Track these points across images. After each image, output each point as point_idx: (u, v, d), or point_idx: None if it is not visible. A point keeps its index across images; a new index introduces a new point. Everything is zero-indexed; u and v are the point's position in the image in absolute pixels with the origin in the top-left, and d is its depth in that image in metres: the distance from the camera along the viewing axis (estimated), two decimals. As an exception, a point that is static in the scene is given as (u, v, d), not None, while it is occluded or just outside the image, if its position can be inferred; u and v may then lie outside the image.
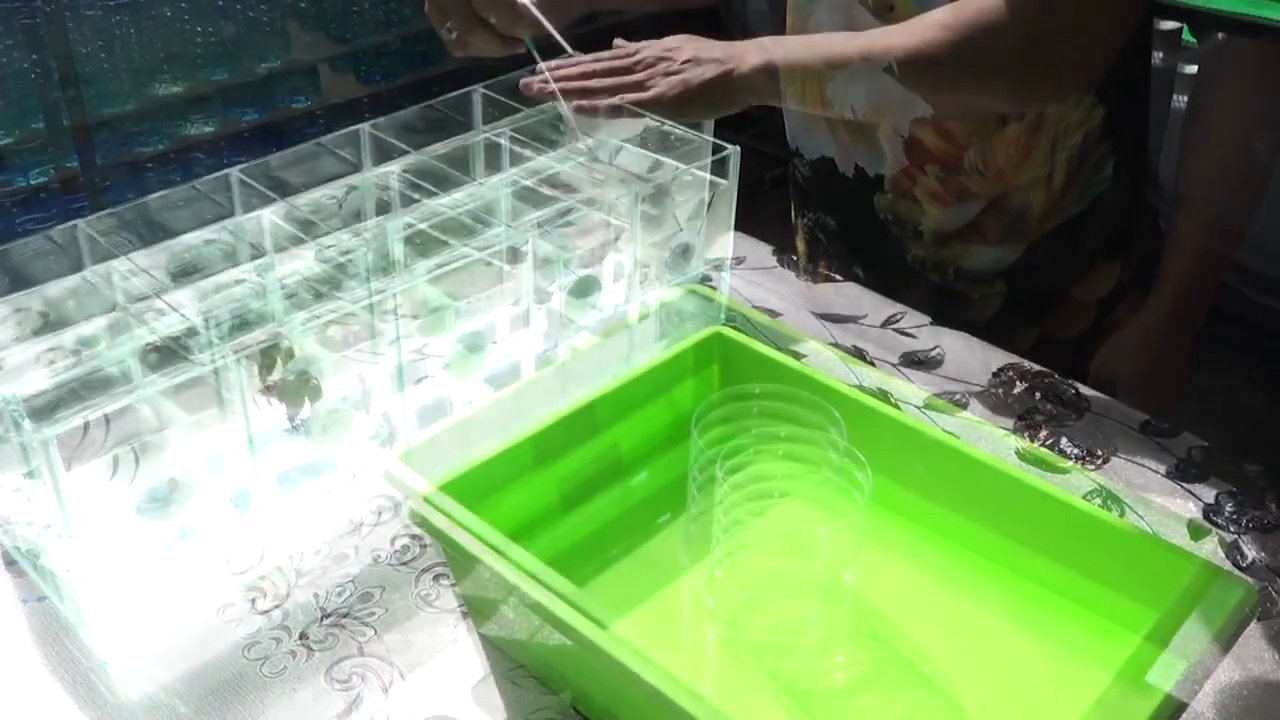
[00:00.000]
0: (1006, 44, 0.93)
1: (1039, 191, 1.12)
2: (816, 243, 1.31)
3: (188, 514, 0.79)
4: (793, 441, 0.80)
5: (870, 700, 0.75)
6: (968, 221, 1.15)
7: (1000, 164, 1.11)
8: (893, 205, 1.18)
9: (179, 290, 0.88)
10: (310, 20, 2.34)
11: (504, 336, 1.00)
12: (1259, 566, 0.86)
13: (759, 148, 1.88)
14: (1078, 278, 1.20)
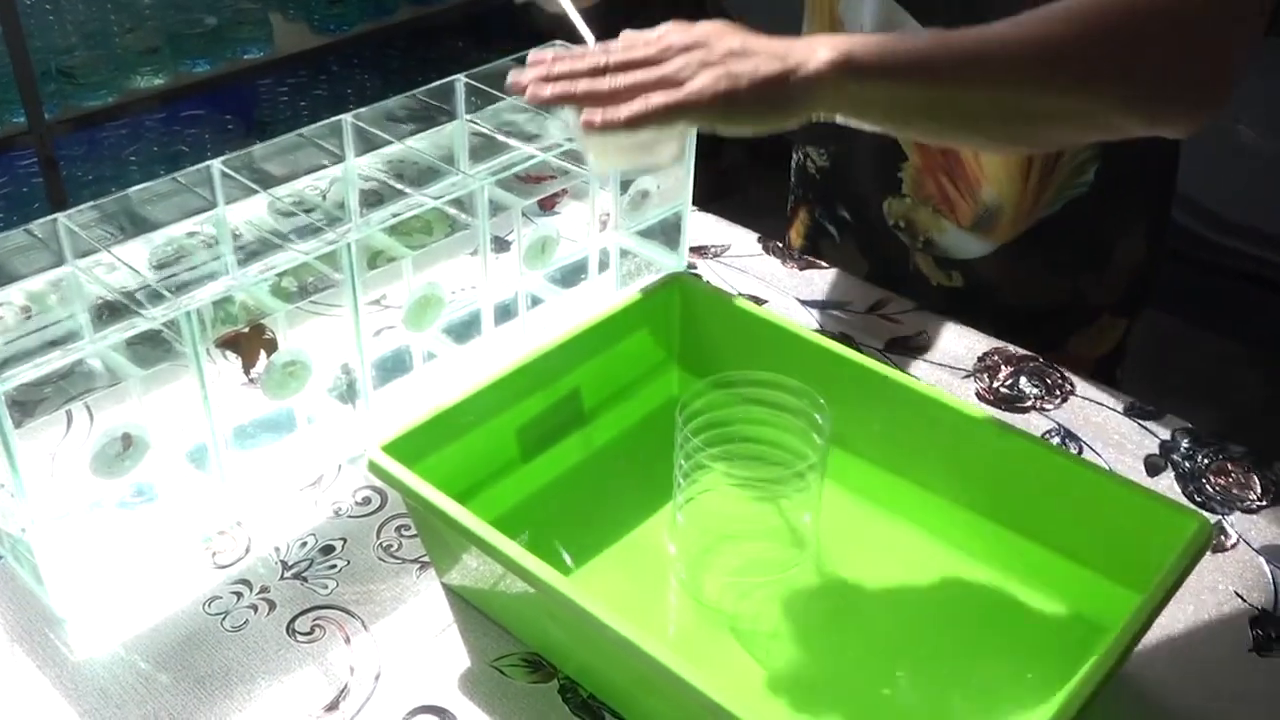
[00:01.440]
0: (1158, 29, 0.73)
1: (1014, 185, 1.02)
2: (823, 234, 1.21)
3: (144, 470, 0.78)
4: (752, 385, 0.80)
5: (831, 640, 0.75)
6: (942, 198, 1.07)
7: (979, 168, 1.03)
8: (908, 211, 1.10)
9: (129, 244, 0.86)
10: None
11: (462, 287, 0.99)
12: (1213, 501, 0.87)
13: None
14: (1079, 322, 1.09)
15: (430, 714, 0.71)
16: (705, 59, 0.71)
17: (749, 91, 0.69)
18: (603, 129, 0.69)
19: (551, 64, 0.73)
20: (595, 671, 0.72)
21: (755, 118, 0.71)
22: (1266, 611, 0.79)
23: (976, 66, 0.72)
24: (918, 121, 0.76)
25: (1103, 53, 0.73)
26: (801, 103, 0.71)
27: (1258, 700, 0.73)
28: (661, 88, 0.70)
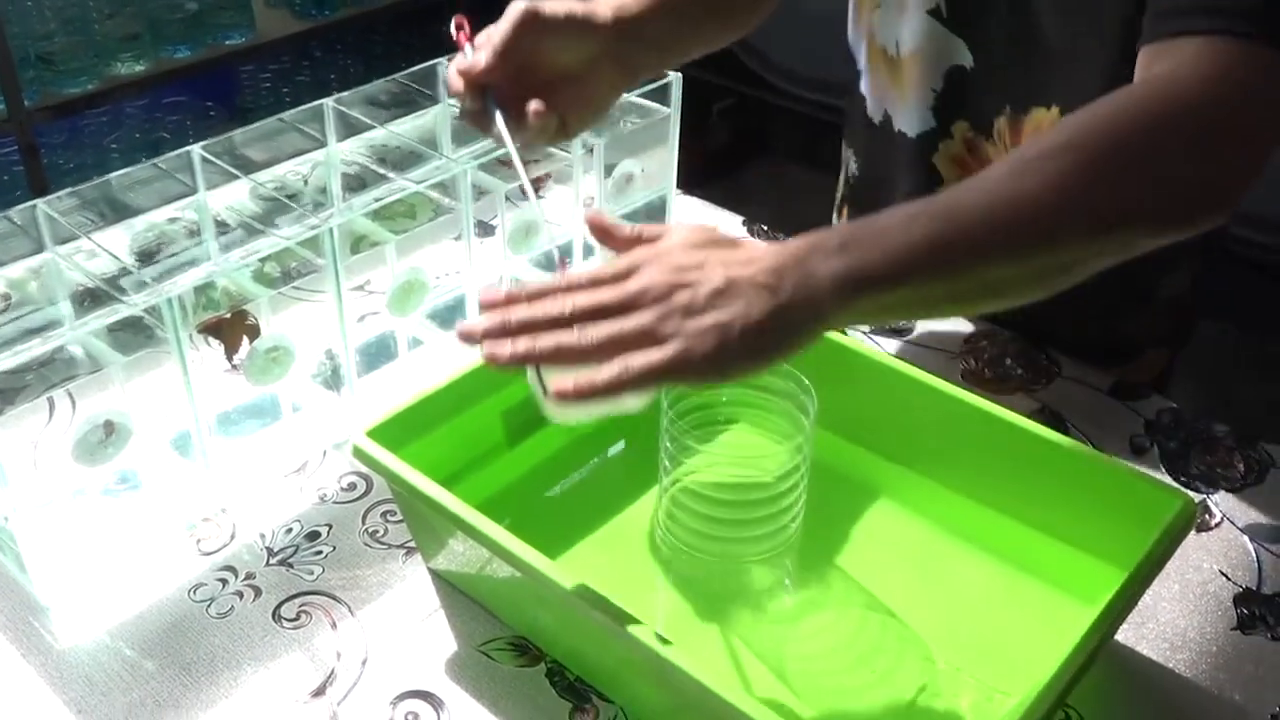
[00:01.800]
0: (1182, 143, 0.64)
1: None
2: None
3: (127, 457, 0.78)
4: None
5: (819, 621, 0.75)
6: None
7: None
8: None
9: (110, 230, 0.86)
10: (242, -47, 2.28)
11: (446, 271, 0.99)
12: (1198, 480, 0.88)
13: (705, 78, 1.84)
14: (1120, 359, 1.02)
15: (418, 699, 0.71)
16: (689, 304, 0.59)
17: (741, 342, 0.59)
18: (576, 398, 0.58)
19: (507, 310, 0.61)
20: (582, 655, 0.72)
21: (751, 367, 0.60)
22: (1250, 590, 0.79)
23: (998, 236, 0.62)
24: (941, 307, 0.66)
25: (1131, 184, 0.64)
26: (802, 341, 0.60)
27: (1242, 677, 0.73)
28: (639, 345, 0.59)
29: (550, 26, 0.77)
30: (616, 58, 0.80)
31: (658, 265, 0.61)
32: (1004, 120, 0.94)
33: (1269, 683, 0.73)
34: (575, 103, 0.79)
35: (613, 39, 0.79)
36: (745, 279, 0.60)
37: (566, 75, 0.78)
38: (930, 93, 0.96)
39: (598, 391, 0.58)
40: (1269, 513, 0.85)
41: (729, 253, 0.62)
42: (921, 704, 0.70)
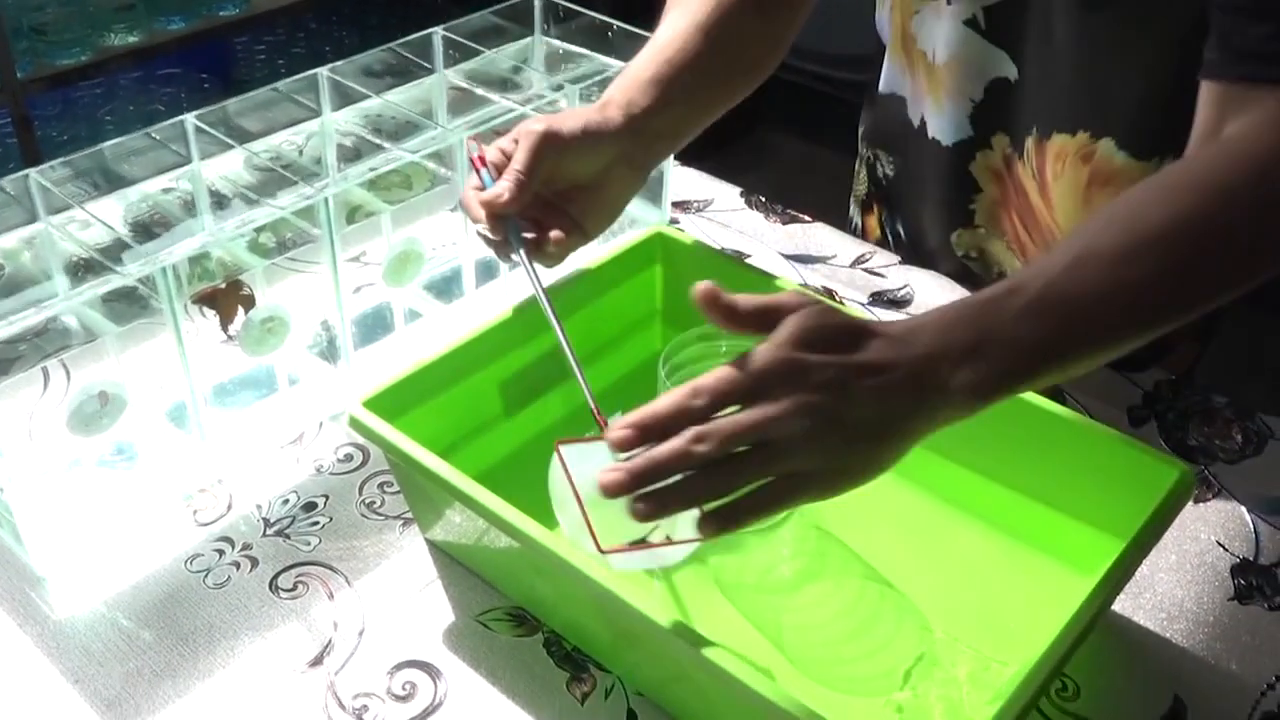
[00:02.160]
0: None
1: None
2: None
3: (123, 428, 0.78)
4: (735, 337, 0.80)
5: (816, 591, 0.75)
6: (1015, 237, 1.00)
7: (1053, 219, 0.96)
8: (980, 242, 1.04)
9: (103, 201, 0.85)
10: (236, -76, 2.25)
11: (443, 243, 0.99)
12: (1196, 452, 0.87)
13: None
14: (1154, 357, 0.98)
15: (415, 668, 0.71)
16: (830, 416, 0.57)
17: (880, 469, 0.60)
18: (719, 531, 0.57)
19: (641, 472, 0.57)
20: (580, 625, 0.72)
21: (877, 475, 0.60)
22: (1247, 560, 0.79)
23: (1114, 329, 0.62)
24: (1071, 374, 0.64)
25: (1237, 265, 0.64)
26: (930, 433, 0.60)
27: (1239, 647, 0.74)
28: (772, 466, 0.57)
29: (568, 144, 0.76)
30: (629, 158, 0.80)
31: (793, 388, 0.57)
32: (1032, 141, 0.93)
33: (1265, 652, 0.73)
34: (592, 209, 0.80)
35: (626, 141, 0.79)
36: (885, 410, 0.58)
37: (582, 184, 0.78)
38: (969, 102, 0.95)
39: (742, 524, 0.58)
40: (1267, 484, 0.85)
41: (855, 358, 0.59)
42: (919, 673, 0.70)
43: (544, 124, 0.76)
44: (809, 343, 0.59)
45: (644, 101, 0.80)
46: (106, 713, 0.68)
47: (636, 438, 0.58)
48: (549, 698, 0.69)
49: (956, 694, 0.69)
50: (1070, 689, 0.70)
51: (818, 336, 0.59)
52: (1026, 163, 0.95)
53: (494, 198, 0.75)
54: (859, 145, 1.15)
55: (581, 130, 0.77)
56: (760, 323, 0.60)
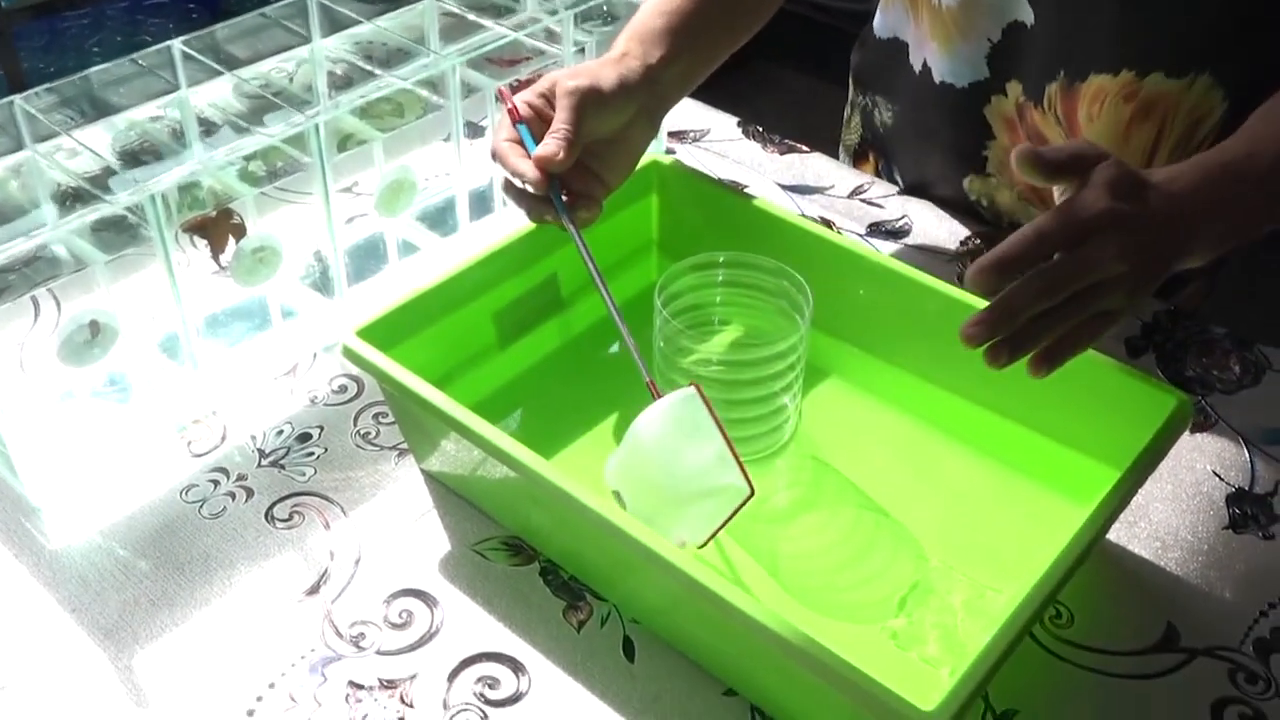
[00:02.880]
0: None
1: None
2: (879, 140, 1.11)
3: (115, 359, 0.77)
4: (732, 266, 0.79)
5: (812, 520, 0.75)
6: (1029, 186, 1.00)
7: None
8: (991, 191, 1.03)
9: (90, 128, 0.84)
10: None
11: (436, 173, 0.97)
12: (1193, 382, 0.87)
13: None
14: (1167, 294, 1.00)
15: (411, 597, 0.71)
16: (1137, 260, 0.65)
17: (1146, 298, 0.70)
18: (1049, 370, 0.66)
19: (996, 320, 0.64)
20: (576, 553, 0.72)
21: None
22: (1243, 490, 0.79)
23: None
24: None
25: None
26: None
27: (1232, 575, 0.74)
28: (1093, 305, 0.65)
29: (608, 100, 0.75)
30: (648, 110, 0.79)
31: (1113, 234, 0.65)
32: (1056, 87, 0.91)
33: (1258, 580, 0.74)
34: (614, 162, 0.78)
35: (645, 93, 0.78)
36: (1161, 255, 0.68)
37: (605, 139, 0.77)
38: (986, 43, 0.93)
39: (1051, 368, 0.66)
40: (1264, 414, 0.85)
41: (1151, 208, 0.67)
42: (914, 601, 0.70)
43: (584, 80, 0.75)
44: (1120, 193, 0.66)
45: (659, 51, 0.79)
46: (105, 641, 0.69)
47: (997, 280, 0.64)
48: (545, 626, 0.70)
49: (951, 621, 0.69)
50: (1064, 616, 0.71)
51: (1123, 187, 0.66)
52: (1048, 110, 0.93)
53: (550, 156, 0.73)
54: (850, 91, 1.14)
55: (618, 87, 0.76)
56: (1073, 170, 0.68)
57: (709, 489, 0.67)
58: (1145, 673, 0.68)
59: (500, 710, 0.65)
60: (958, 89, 0.97)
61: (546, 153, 0.73)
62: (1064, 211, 0.66)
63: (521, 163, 0.74)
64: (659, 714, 0.65)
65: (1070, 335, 0.65)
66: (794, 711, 0.64)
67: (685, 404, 0.68)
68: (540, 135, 0.75)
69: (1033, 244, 0.65)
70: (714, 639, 0.66)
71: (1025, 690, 0.67)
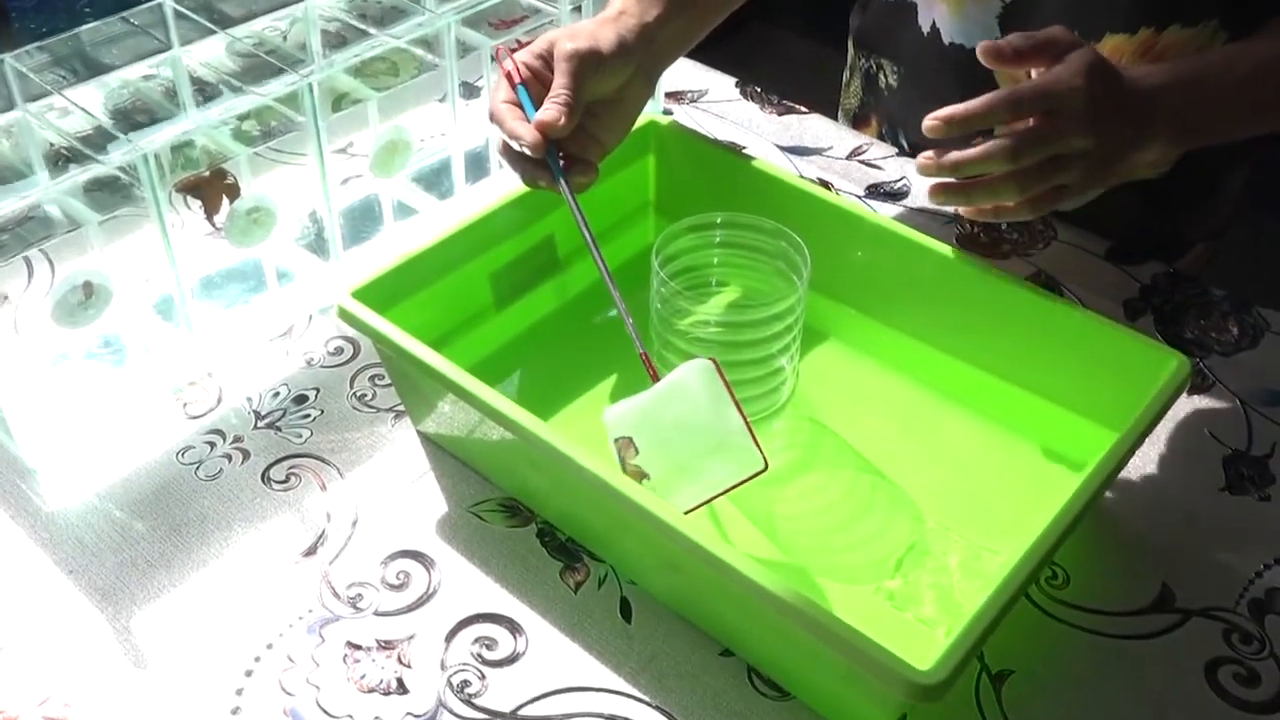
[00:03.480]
0: None
1: None
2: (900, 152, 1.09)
3: (110, 321, 0.77)
4: (729, 227, 0.79)
5: (809, 481, 0.75)
6: None
7: None
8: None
9: (82, 88, 0.83)
10: None
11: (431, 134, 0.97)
12: (1191, 344, 0.87)
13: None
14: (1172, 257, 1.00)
15: (408, 558, 0.71)
16: (1084, 149, 0.71)
17: (1100, 189, 0.75)
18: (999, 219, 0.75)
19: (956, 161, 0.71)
20: (573, 515, 0.72)
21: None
22: (1240, 451, 0.79)
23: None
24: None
25: None
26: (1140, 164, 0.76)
27: (1229, 536, 0.74)
28: (1054, 176, 0.71)
29: (607, 62, 0.74)
30: (644, 70, 0.78)
31: (1083, 111, 0.70)
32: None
33: (1254, 542, 0.74)
34: (611, 124, 0.77)
35: (642, 53, 0.77)
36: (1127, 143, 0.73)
37: (602, 100, 0.76)
38: (998, 3, 0.93)
39: (999, 217, 0.74)
40: (1261, 376, 0.85)
41: (1122, 97, 0.73)
42: (910, 562, 0.70)
43: (583, 42, 0.74)
44: (1094, 76, 0.71)
45: (656, 10, 0.79)
46: (102, 602, 0.69)
47: (946, 130, 0.70)
48: (543, 587, 0.70)
49: (947, 581, 0.69)
50: (1060, 577, 0.71)
51: (1098, 71, 0.71)
52: None
53: (551, 122, 0.72)
54: (850, 54, 1.13)
55: (618, 48, 0.75)
56: (1043, 55, 0.72)
57: (722, 456, 0.67)
58: (1140, 633, 0.69)
59: (498, 670, 0.66)
60: (968, 49, 0.96)
61: (548, 118, 0.72)
62: (1039, 83, 0.71)
63: (520, 126, 0.73)
64: (655, 674, 0.66)
65: (1026, 201, 0.72)
66: (790, 671, 0.65)
67: (703, 374, 0.68)
68: (538, 97, 0.74)
69: (1002, 104, 0.70)
70: (711, 600, 0.66)
71: (1021, 651, 0.67)
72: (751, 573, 0.58)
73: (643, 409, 0.68)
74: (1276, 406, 0.82)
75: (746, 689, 0.65)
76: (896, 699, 0.58)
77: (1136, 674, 0.67)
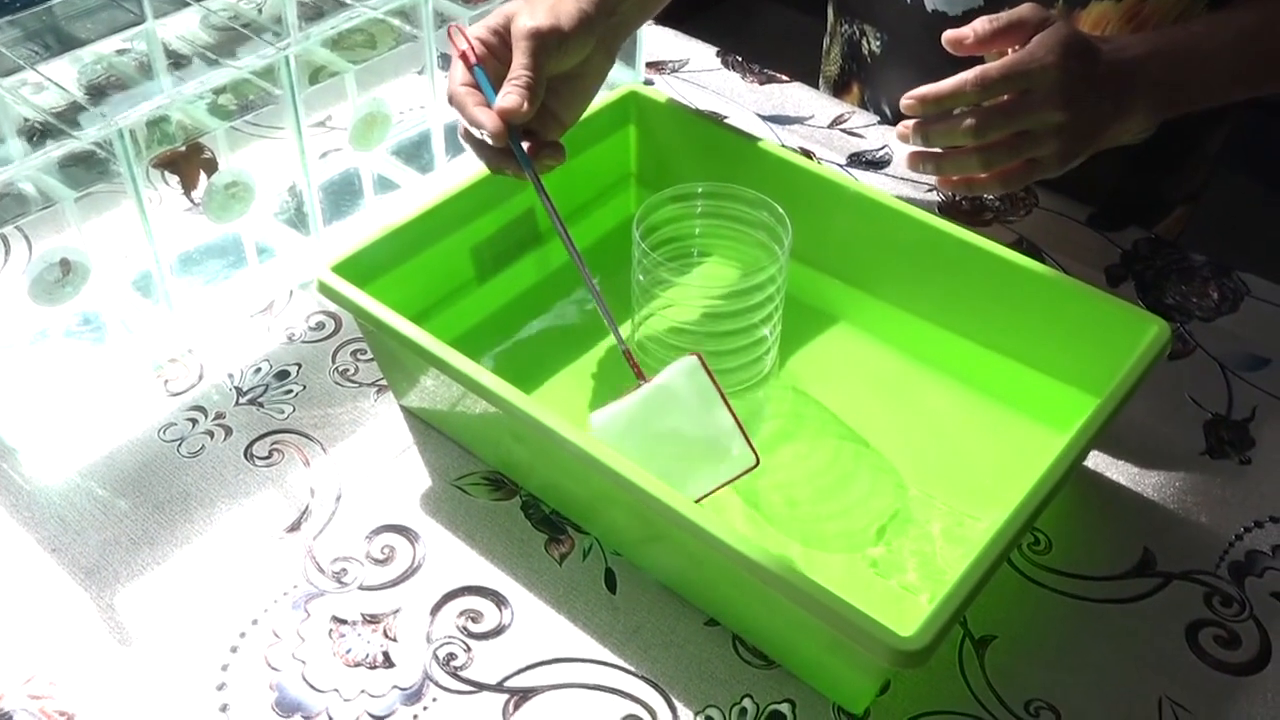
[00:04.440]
0: None
1: None
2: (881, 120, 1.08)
3: (88, 298, 0.76)
4: (710, 197, 0.78)
5: (793, 451, 0.76)
6: None
7: None
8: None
9: (55, 62, 0.82)
10: None
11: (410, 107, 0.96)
12: (1172, 310, 0.87)
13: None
14: (1152, 220, 1.02)
15: (393, 532, 0.71)
16: (1058, 125, 0.72)
17: (1079, 160, 0.75)
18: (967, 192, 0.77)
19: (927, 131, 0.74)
20: (557, 487, 0.72)
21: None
22: (1220, 416, 0.80)
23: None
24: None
25: None
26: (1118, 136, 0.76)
27: (1209, 500, 0.74)
28: (1024, 151, 0.73)
29: (568, 39, 0.72)
30: (605, 44, 0.76)
31: (1055, 87, 0.71)
32: (1055, 14, 0.90)
33: (1234, 505, 0.74)
34: (570, 99, 0.75)
35: (603, 27, 0.75)
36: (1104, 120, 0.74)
37: (564, 76, 0.74)
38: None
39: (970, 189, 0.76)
40: (1241, 340, 0.85)
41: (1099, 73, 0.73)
42: (893, 529, 0.71)
43: (544, 19, 0.71)
44: (1069, 52, 0.71)
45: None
46: (86, 580, 0.68)
47: (921, 109, 0.73)
48: (527, 560, 0.70)
49: (930, 549, 0.70)
50: (1042, 543, 0.71)
51: (1073, 46, 0.72)
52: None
53: (513, 109, 0.69)
54: (830, 20, 1.12)
55: (579, 23, 0.72)
56: (1011, 37, 0.73)
57: (713, 455, 0.67)
58: (1122, 597, 0.69)
59: (483, 643, 0.66)
60: (950, 17, 0.95)
61: (509, 105, 0.69)
62: (1007, 62, 0.71)
63: (480, 112, 0.70)
64: (641, 645, 0.66)
65: (996, 174, 0.74)
66: (775, 640, 0.65)
67: (691, 373, 0.67)
68: (496, 76, 0.72)
69: (971, 83, 0.71)
70: (695, 570, 0.66)
71: (1003, 616, 0.67)
72: (735, 542, 0.58)
73: (630, 414, 0.68)
74: (1256, 371, 0.83)
75: (732, 658, 0.65)
76: (880, 665, 0.58)
77: (1118, 637, 0.67)
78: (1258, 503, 0.74)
